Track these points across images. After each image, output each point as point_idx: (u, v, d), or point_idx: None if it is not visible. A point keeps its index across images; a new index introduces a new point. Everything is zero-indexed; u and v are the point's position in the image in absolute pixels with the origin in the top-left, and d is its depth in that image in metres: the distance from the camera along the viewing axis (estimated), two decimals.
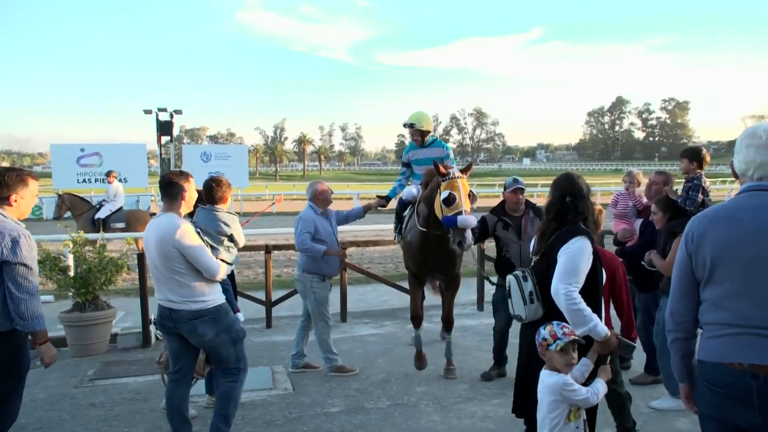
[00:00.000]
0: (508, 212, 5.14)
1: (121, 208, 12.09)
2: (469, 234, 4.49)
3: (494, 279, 5.38)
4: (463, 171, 4.71)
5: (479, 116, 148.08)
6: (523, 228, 5.06)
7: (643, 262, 4.52)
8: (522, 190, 5.12)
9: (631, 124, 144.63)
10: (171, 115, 26.81)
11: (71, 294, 6.39)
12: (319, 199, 5.44)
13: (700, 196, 4.79)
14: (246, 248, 8.67)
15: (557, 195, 3.03)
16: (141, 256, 6.70)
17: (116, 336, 6.49)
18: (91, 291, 6.14)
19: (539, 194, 30.67)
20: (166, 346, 4.07)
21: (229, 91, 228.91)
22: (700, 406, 2.26)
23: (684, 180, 5.01)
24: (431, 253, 5.15)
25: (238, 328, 3.83)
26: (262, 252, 7.40)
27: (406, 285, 7.09)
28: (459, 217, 4.45)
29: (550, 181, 3.21)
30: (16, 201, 3.24)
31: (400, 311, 7.65)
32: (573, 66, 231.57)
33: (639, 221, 5.36)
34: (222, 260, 3.76)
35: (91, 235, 7.79)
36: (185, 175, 3.73)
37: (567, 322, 2.81)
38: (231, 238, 4.04)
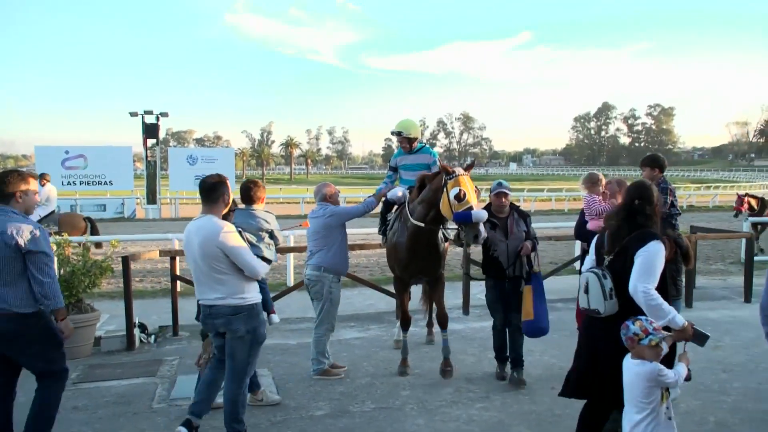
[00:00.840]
0: (494, 213, 5.24)
1: (53, 211, 11.69)
2: (482, 227, 4.65)
3: (481, 278, 5.55)
4: (466, 169, 4.87)
5: (466, 121, 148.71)
6: (509, 228, 5.22)
7: None
8: (506, 195, 5.29)
9: (617, 129, 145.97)
10: (157, 118, 26.71)
11: None
12: (330, 201, 5.59)
13: (669, 198, 5.65)
14: None
15: (628, 199, 3.40)
16: (125, 260, 6.66)
17: (100, 339, 6.44)
18: (75, 294, 6.10)
19: (526, 198, 30.89)
20: (206, 348, 4.36)
21: (216, 93, 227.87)
22: None
23: None
24: (418, 253, 5.24)
25: (262, 332, 4.00)
26: None
27: (392, 289, 7.12)
28: (473, 212, 4.62)
29: (537, 186, 3.42)
30: (20, 198, 3.69)
31: (386, 315, 7.68)
32: (559, 71, 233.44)
33: None
34: (263, 258, 3.92)
35: (76, 238, 7.74)
36: (224, 179, 4.00)
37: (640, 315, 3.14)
38: (271, 235, 4.16)
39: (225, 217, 4.07)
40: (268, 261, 4.02)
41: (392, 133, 6.03)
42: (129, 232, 15.79)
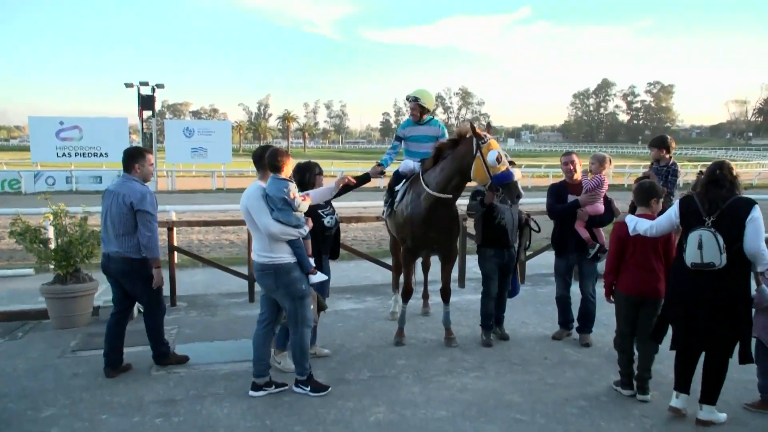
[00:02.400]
0: None
1: None
2: (520, 187, 4.93)
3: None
4: (487, 129, 5.03)
5: (465, 96, 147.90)
6: None
7: None
8: (512, 164, 5.36)
9: (616, 106, 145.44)
10: (153, 89, 26.49)
11: (52, 267, 6.38)
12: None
13: (679, 180, 5.87)
14: (230, 222, 8.72)
15: (709, 170, 3.90)
16: None
17: (98, 309, 6.49)
18: (72, 263, 6.12)
19: (523, 174, 30.85)
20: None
21: (213, 66, 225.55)
22: None
23: (654, 164, 6.13)
24: (435, 224, 5.31)
25: (298, 287, 4.32)
26: (245, 227, 7.39)
27: (389, 261, 7.18)
28: (514, 170, 4.90)
29: (535, 162, 3.52)
30: (139, 169, 4.84)
31: (382, 287, 7.74)
32: (560, 47, 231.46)
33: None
34: (277, 220, 4.21)
35: (73, 209, 7.74)
36: (271, 147, 4.49)
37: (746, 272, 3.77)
38: (288, 203, 4.29)
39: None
40: (283, 223, 4.24)
41: (408, 99, 6.01)
42: None
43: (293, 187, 4.38)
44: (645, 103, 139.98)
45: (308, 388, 4.46)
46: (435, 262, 6.13)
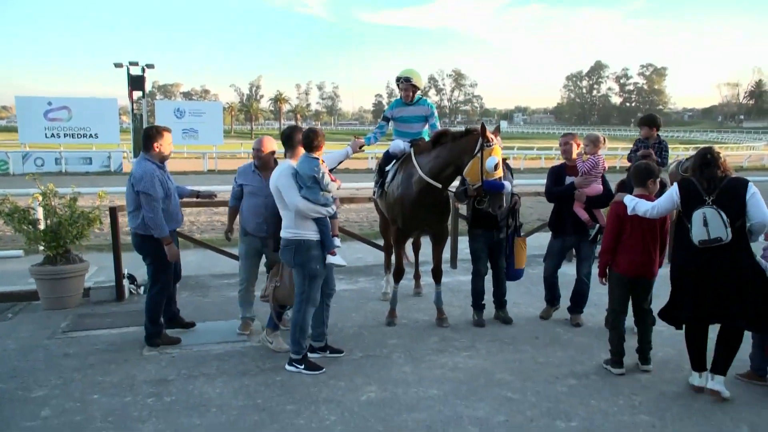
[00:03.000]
0: None
1: None
2: (504, 198, 4.96)
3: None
4: (494, 132, 4.95)
5: (458, 77, 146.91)
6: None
7: None
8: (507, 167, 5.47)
9: (609, 89, 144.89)
10: (143, 70, 26.15)
11: (42, 248, 6.33)
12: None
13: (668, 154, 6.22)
14: (221, 204, 8.65)
15: (699, 155, 4.05)
16: (113, 211, 6.63)
17: (89, 290, 6.47)
18: (62, 244, 6.08)
19: (515, 157, 30.90)
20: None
21: (204, 46, 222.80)
22: None
23: (639, 143, 6.38)
24: (425, 206, 5.30)
25: (313, 266, 4.42)
26: None
27: (381, 242, 7.17)
28: (506, 182, 4.90)
29: (527, 144, 3.53)
30: (157, 148, 4.89)
31: (375, 268, 7.75)
32: (553, 29, 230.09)
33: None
34: (305, 198, 4.31)
35: (63, 189, 7.66)
36: (298, 127, 4.66)
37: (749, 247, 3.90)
38: (317, 181, 4.36)
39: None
40: (311, 201, 4.33)
41: (398, 79, 5.94)
42: (116, 186, 15.63)
43: (324, 166, 4.43)
44: (638, 86, 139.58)
45: (302, 367, 4.48)
46: (426, 243, 6.13)
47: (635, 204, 4.26)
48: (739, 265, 3.88)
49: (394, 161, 5.74)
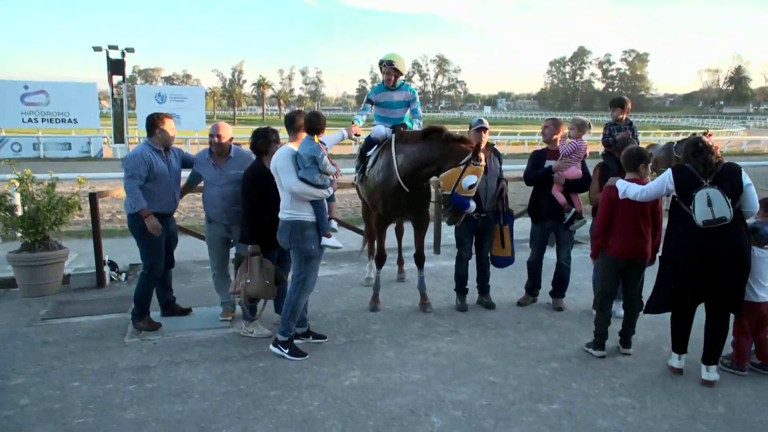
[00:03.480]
0: None
1: None
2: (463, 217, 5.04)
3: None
4: (483, 130, 5.30)
5: (441, 63, 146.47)
6: (487, 165, 5.23)
7: None
8: (485, 130, 5.43)
9: (592, 74, 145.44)
10: (123, 54, 25.69)
11: (20, 234, 6.22)
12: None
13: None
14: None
15: (691, 143, 4.11)
16: (93, 196, 6.53)
17: (69, 277, 6.38)
18: (41, 231, 5.99)
19: (499, 142, 30.93)
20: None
21: (186, 31, 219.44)
22: None
23: (611, 125, 6.33)
24: (405, 194, 5.26)
25: (308, 246, 4.42)
26: None
27: (363, 228, 7.16)
28: (472, 203, 4.89)
29: (511, 129, 3.52)
30: (159, 134, 4.98)
31: (358, 253, 7.73)
32: (537, 15, 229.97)
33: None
34: (302, 179, 4.33)
35: (41, 175, 7.52)
36: (301, 112, 4.73)
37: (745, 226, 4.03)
38: (316, 162, 4.35)
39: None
40: (309, 183, 4.35)
41: (380, 63, 5.87)
42: (96, 172, 15.40)
43: (325, 149, 4.44)
44: (620, 71, 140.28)
45: (287, 350, 4.49)
46: (409, 228, 6.13)
47: (626, 188, 4.32)
48: (742, 243, 3.99)
49: (376, 146, 5.71)
